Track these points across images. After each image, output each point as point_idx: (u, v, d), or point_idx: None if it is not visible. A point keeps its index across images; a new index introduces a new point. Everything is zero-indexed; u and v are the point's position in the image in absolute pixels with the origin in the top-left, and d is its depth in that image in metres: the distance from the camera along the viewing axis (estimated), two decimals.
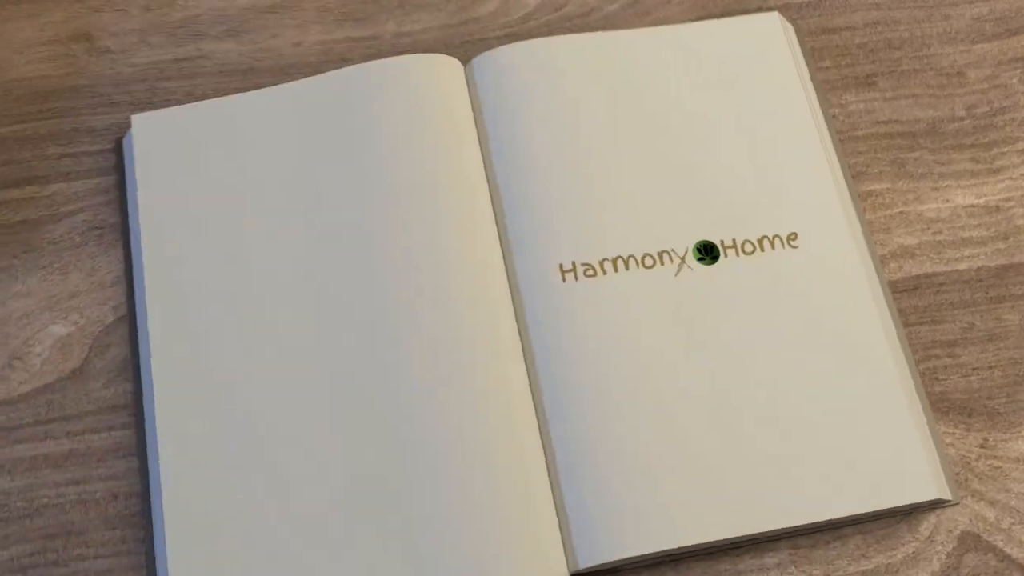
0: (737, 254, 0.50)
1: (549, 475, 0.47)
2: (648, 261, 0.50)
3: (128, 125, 0.54)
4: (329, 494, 0.46)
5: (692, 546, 0.46)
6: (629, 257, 0.50)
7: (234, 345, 0.49)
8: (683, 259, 0.50)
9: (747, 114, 0.53)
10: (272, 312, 0.50)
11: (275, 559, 0.45)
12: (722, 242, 0.51)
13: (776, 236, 0.51)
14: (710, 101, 0.54)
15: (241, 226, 0.51)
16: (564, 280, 0.49)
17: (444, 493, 0.46)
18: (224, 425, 0.48)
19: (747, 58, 0.55)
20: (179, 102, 0.55)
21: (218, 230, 0.51)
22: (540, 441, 0.47)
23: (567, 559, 0.46)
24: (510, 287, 0.50)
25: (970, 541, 0.48)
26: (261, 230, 0.51)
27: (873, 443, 0.47)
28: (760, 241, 0.51)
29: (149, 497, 0.47)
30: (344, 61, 0.57)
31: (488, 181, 0.52)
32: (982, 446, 0.49)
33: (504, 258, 0.50)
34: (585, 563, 0.45)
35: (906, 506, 0.47)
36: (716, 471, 0.46)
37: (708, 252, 0.50)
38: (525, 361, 0.49)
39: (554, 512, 0.46)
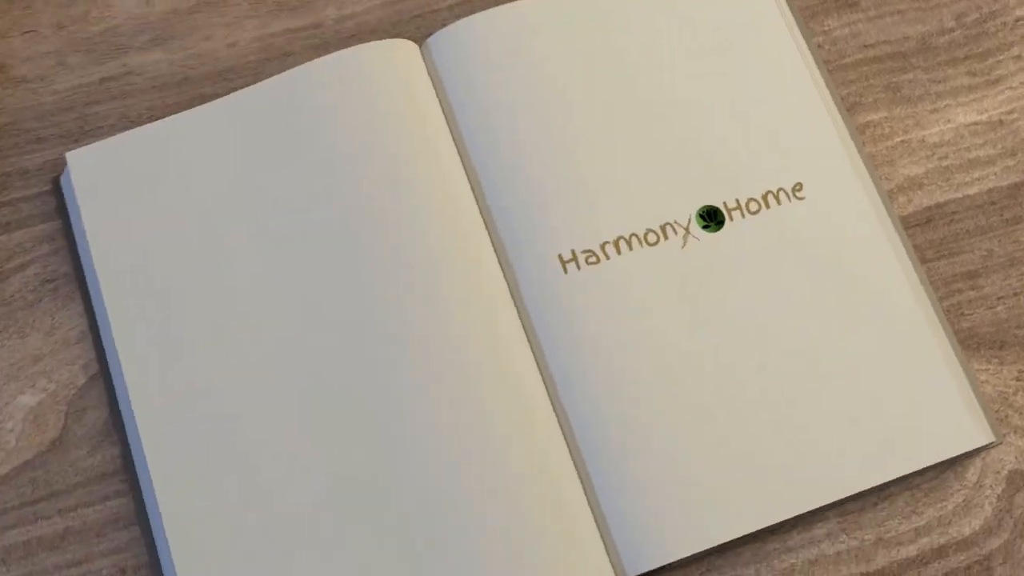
0: (743, 215, 0.47)
1: (581, 479, 0.44)
2: (651, 237, 0.47)
3: (63, 162, 0.49)
4: (358, 550, 0.43)
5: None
6: (631, 236, 0.47)
7: (224, 379, 0.46)
8: (687, 229, 0.47)
9: (731, 59, 0.50)
10: (256, 335, 0.46)
11: None
12: (725, 204, 0.47)
13: (781, 189, 0.48)
14: (689, 50, 0.50)
15: (208, 253, 0.47)
16: (566, 272, 0.46)
17: (476, 506, 0.43)
18: (229, 475, 0.44)
19: None
20: (114, 128, 0.50)
21: (183, 261, 0.47)
22: (565, 445, 0.45)
23: (613, 567, 0.43)
24: (508, 285, 0.46)
25: (1019, 480, 0.46)
26: (230, 252, 0.47)
27: (909, 396, 0.45)
28: (765, 197, 0.48)
29: (160, 566, 0.44)
30: (286, 55, 0.52)
31: (466, 172, 0.48)
32: (1018, 379, 0.47)
33: (497, 254, 0.47)
34: (633, 571, 0.43)
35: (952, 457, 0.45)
36: (753, 454, 0.44)
37: (712, 218, 0.47)
38: (537, 364, 0.45)
39: (592, 518, 0.44)
